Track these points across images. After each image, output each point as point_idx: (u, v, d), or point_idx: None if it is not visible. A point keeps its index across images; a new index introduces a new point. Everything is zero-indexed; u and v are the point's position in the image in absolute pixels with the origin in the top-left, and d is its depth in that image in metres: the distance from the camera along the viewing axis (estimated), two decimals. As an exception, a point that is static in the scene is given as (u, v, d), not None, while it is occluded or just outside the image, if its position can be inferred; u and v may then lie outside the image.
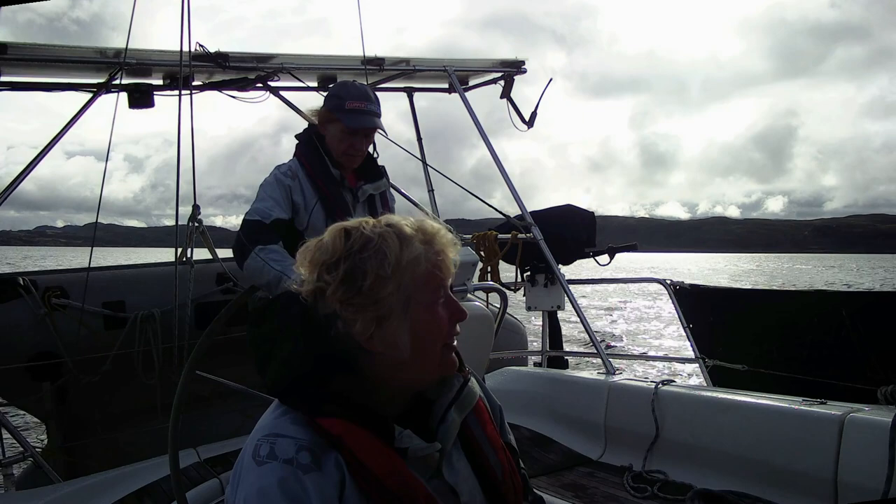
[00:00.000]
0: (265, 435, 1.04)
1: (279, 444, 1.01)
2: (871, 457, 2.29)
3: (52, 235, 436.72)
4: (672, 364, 10.46)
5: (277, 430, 1.04)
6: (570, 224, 4.88)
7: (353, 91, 2.56)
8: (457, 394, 1.18)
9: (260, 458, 1.00)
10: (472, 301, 4.01)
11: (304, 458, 1.00)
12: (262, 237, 2.36)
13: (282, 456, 0.99)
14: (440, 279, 1.12)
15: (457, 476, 1.13)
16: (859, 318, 3.81)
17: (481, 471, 1.17)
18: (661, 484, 2.90)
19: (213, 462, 2.74)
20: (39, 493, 2.65)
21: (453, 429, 1.15)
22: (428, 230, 1.13)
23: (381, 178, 2.71)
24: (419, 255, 1.09)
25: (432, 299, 1.11)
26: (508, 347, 4.79)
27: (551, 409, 3.68)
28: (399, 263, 1.07)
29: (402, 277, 1.08)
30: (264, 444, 1.02)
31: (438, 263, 1.11)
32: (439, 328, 1.11)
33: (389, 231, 1.10)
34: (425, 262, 1.10)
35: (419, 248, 1.10)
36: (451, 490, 1.11)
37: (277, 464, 0.99)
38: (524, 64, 4.89)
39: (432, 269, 1.10)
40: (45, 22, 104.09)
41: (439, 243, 1.13)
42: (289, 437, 1.02)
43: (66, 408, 3.57)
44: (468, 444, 1.18)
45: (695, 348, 4.12)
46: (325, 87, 4.53)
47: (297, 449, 1.00)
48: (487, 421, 1.23)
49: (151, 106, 3.90)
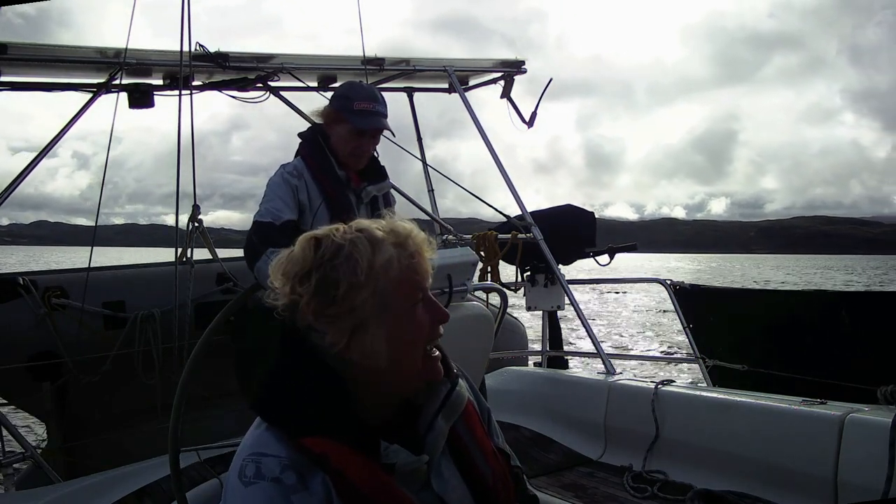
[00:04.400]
0: (250, 454, 1.02)
1: (265, 463, 1.00)
2: (871, 457, 2.29)
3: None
4: (672, 364, 10.48)
5: (262, 449, 1.02)
6: (570, 224, 4.88)
7: (362, 92, 2.55)
8: (444, 400, 1.16)
9: (246, 479, 0.99)
10: (471, 301, 4.01)
11: (289, 477, 0.98)
12: (274, 239, 2.34)
13: (268, 475, 0.98)
14: (416, 281, 1.10)
15: (445, 485, 1.12)
16: (859, 318, 3.81)
17: (471, 478, 1.15)
18: (661, 484, 2.90)
19: (213, 462, 2.73)
20: (39, 493, 2.65)
21: (441, 437, 1.13)
22: (400, 232, 1.11)
23: (384, 178, 2.71)
24: (391, 257, 1.07)
25: (409, 302, 1.09)
26: (508, 347, 4.78)
27: (551, 409, 3.68)
28: (371, 268, 1.05)
29: (376, 283, 1.05)
30: (250, 463, 1.01)
31: (413, 266, 1.09)
32: (418, 332, 1.10)
33: (360, 236, 1.08)
34: (398, 265, 1.07)
35: (391, 250, 1.08)
36: (440, 501, 1.10)
37: (265, 483, 0.98)
38: (524, 64, 4.89)
39: (406, 271, 1.08)
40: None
41: (412, 245, 1.10)
42: (273, 456, 1.00)
43: (66, 408, 3.56)
44: (457, 450, 1.16)
45: (695, 348, 4.12)
46: (325, 87, 4.53)
47: (282, 469, 0.99)
48: (477, 425, 1.21)
49: (151, 106, 3.89)
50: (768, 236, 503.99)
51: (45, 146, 3.69)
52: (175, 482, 1.98)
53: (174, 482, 1.98)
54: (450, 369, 1.20)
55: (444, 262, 2.29)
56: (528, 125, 4.86)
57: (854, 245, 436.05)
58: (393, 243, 1.09)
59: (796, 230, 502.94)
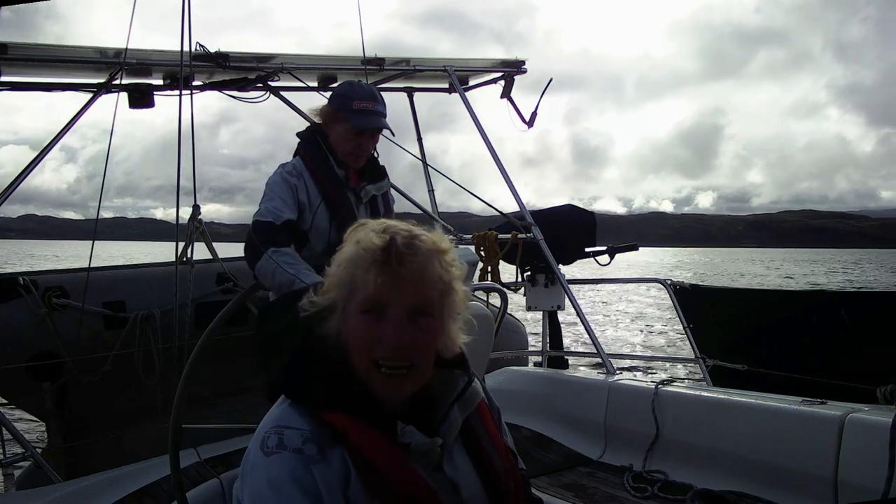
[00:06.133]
0: (273, 426, 1.06)
1: (287, 435, 1.03)
2: (871, 457, 2.29)
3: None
4: (672, 364, 10.48)
5: (284, 422, 1.06)
6: (571, 224, 4.88)
7: (361, 91, 2.55)
8: (460, 392, 1.19)
9: (268, 449, 1.02)
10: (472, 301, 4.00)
11: (310, 449, 1.02)
12: (274, 238, 2.34)
13: (290, 446, 1.02)
14: (363, 293, 1.09)
15: (457, 471, 1.15)
16: (859, 318, 3.81)
17: (483, 468, 1.18)
18: (661, 484, 2.90)
19: (213, 462, 2.73)
20: (39, 493, 2.65)
21: (455, 426, 1.17)
22: (361, 238, 1.12)
23: (382, 178, 2.71)
24: (349, 257, 1.12)
25: (358, 309, 1.10)
26: (508, 347, 4.78)
27: (551, 409, 3.68)
28: (340, 263, 1.12)
29: (342, 274, 1.12)
30: (272, 435, 1.04)
31: (367, 280, 1.08)
32: (356, 341, 1.10)
33: (356, 229, 1.16)
34: (352, 267, 1.11)
35: (351, 249, 1.12)
36: (451, 484, 1.13)
37: (287, 454, 1.01)
38: (524, 63, 4.89)
39: (355, 278, 1.10)
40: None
41: (366, 259, 1.09)
42: (295, 429, 1.04)
43: (66, 408, 3.56)
44: (471, 441, 1.19)
45: (695, 348, 4.12)
46: (325, 87, 4.53)
47: (304, 440, 1.02)
48: (490, 422, 1.24)
49: (151, 106, 3.89)
50: (757, 230, 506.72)
51: (46, 146, 3.69)
52: (175, 482, 1.98)
53: (174, 482, 1.98)
54: (467, 366, 1.24)
55: None
56: (529, 125, 4.86)
57: (842, 238, 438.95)
58: (354, 241, 1.13)
59: (785, 224, 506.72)
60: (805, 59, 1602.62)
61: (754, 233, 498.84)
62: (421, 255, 1.09)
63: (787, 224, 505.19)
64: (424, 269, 1.09)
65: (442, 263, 1.12)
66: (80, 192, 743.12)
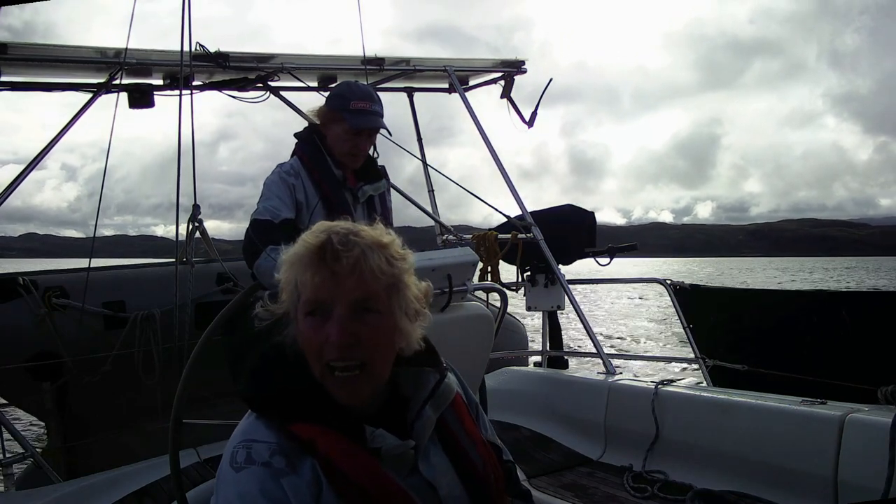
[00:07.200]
0: (241, 441, 1.05)
1: (255, 449, 1.02)
2: (871, 457, 2.29)
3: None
4: (672, 364, 10.48)
5: (252, 436, 1.05)
6: (571, 224, 4.88)
7: (358, 91, 2.55)
8: (432, 391, 1.18)
9: (237, 464, 1.01)
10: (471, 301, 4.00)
11: (278, 462, 1.01)
12: (273, 237, 2.34)
13: (259, 460, 1.01)
14: (305, 295, 1.08)
15: (434, 471, 1.13)
16: (859, 318, 3.81)
17: (460, 464, 1.17)
18: (661, 484, 2.90)
19: (213, 462, 2.73)
20: (39, 493, 2.65)
21: (429, 425, 1.15)
22: (302, 240, 1.11)
23: (380, 178, 2.71)
24: (290, 260, 1.11)
25: (302, 310, 1.09)
26: (508, 347, 4.78)
27: (551, 409, 3.67)
28: (285, 268, 1.11)
29: (287, 278, 1.11)
30: (240, 450, 1.03)
31: (305, 281, 1.07)
32: (306, 343, 1.09)
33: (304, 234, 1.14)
34: (293, 271, 1.10)
35: (292, 252, 1.11)
36: (428, 485, 1.11)
37: (256, 468, 1.00)
38: (524, 63, 4.89)
39: (297, 281, 1.09)
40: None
41: (304, 259, 1.08)
42: (263, 442, 1.03)
43: (66, 408, 3.56)
44: (446, 439, 1.18)
45: (695, 348, 4.11)
46: (325, 87, 4.53)
47: (272, 453, 1.01)
48: (465, 416, 1.23)
49: (151, 106, 3.89)
50: (757, 239, 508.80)
51: (46, 146, 3.68)
52: (175, 482, 1.98)
53: (174, 482, 1.98)
54: (439, 362, 1.22)
55: (444, 262, 2.28)
56: (529, 125, 4.86)
57: (843, 247, 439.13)
58: (301, 240, 1.11)
59: (785, 233, 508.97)
60: (800, 69, 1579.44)
61: (755, 242, 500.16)
62: (357, 248, 1.06)
63: (787, 233, 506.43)
64: (362, 263, 1.06)
65: (384, 257, 1.09)
66: (80, 210, 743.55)
